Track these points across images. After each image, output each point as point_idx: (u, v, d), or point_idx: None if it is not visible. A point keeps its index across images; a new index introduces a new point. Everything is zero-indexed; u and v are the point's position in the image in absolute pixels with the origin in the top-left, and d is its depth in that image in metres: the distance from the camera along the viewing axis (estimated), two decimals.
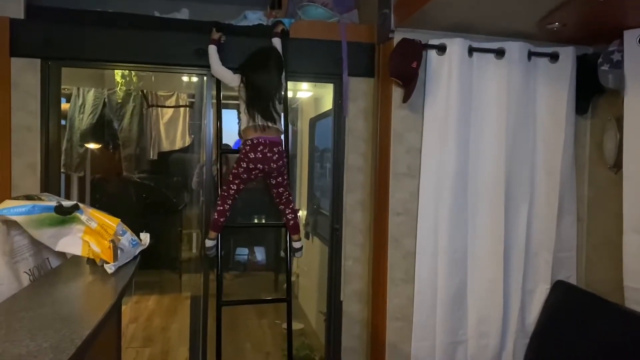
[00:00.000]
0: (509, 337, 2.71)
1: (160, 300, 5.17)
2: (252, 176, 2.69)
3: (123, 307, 2.56)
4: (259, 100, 2.63)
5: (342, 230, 3.10)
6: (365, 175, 3.08)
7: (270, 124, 2.63)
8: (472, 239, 2.66)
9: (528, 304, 2.72)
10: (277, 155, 2.65)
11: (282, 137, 2.75)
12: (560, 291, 2.64)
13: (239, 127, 2.80)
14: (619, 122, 2.46)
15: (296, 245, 2.93)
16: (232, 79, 2.71)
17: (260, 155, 2.62)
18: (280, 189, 2.80)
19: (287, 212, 2.87)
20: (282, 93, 2.77)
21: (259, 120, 2.61)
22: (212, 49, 2.72)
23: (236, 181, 2.70)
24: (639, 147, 2.29)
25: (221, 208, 2.74)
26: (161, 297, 5.24)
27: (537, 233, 2.71)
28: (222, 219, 2.75)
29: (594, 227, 2.72)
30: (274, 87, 2.66)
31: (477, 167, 2.66)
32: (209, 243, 2.81)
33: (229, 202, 2.74)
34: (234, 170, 2.71)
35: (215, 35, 2.75)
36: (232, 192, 2.72)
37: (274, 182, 2.76)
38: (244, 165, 2.64)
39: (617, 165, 2.48)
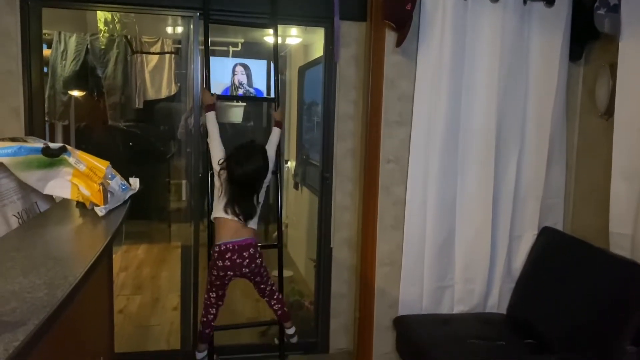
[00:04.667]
0: (495, 282, 2.77)
1: (149, 250, 5.19)
2: (227, 282, 2.48)
3: (113, 256, 2.56)
4: (242, 197, 2.41)
5: (332, 178, 3.09)
6: (355, 123, 3.05)
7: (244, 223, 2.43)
8: (462, 187, 2.68)
9: (515, 250, 2.77)
10: (247, 260, 2.41)
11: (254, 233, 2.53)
12: (546, 237, 2.69)
13: (211, 200, 2.63)
14: (613, 68, 2.44)
15: (289, 331, 2.69)
16: (219, 156, 2.47)
17: (229, 263, 2.39)
18: (262, 285, 2.55)
19: (272, 303, 2.61)
20: (266, 186, 2.59)
21: (234, 216, 2.40)
22: (212, 116, 2.58)
23: (213, 289, 2.50)
24: (632, 93, 2.28)
25: (205, 319, 2.55)
26: (150, 246, 5.26)
27: (526, 180, 2.73)
28: (207, 330, 2.57)
29: (582, 175, 2.75)
30: (260, 178, 2.46)
31: (468, 115, 2.64)
32: (199, 355, 2.62)
33: (213, 311, 2.54)
34: (209, 278, 2.52)
35: (210, 99, 2.60)
36: (213, 300, 2.52)
37: (252, 281, 2.54)
38: (215, 273, 2.44)
39: (609, 112, 2.48)
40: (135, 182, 2.03)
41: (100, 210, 1.62)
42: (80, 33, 4.41)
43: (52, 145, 1.60)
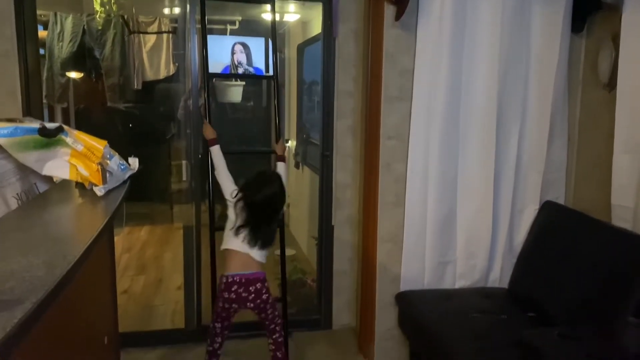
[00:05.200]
0: (497, 257, 2.77)
1: (152, 231, 5.21)
2: (232, 313, 2.42)
3: (115, 238, 2.56)
4: (262, 222, 2.33)
5: (332, 156, 3.08)
6: (355, 101, 3.03)
7: (256, 255, 2.35)
8: (463, 162, 2.66)
9: (516, 225, 2.77)
10: (253, 295, 2.34)
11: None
12: (548, 211, 2.68)
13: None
14: (615, 40, 2.40)
15: None
16: (230, 190, 2.40)
17: (234, 296, 2.33)
18: (266, 322, 2.46)
19: (269, 342, 2.50)
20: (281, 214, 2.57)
21: (247, 248, 2.33)
22: (217, 150, 2.52)
23: (219, 319, 2.43)
24: (635, 65, 2.25)
25: (211, 348, 2.48)
26: (153, 227, 5.28)
27: (528, 154, 2.71)
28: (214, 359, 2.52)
29: (584, 148, 2.73)
30: (279, 203, 2.40)
31: (469, 89, 2.61)
32: None
33: (218, 340, 2.47)
34: (215, 307, 2.45)
35: (212, 133, 2.52)
36: (218, 330, 2.45)
37: (258, 315, 2.47)
38: (221, 304, 2.38)
39: (611, 85, 2.45)
40: (134, 162, 2.03)
41: (99, 190, 1.61)
42: (76, 14, 4.36)
43: (48, 125, 1.59)
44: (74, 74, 4.62)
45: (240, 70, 4.79)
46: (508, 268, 2.77)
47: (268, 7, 2.85)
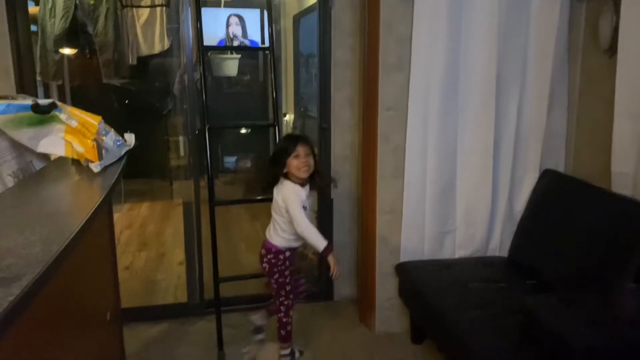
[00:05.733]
0: (496, 225, 2.77)
1: (152, 208, 5.22)
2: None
3: (116, 215, 2.56)
4: None
5: (330, 129, 3.06)
6: (353, 71, 2.99)
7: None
8: (462, 130, 2.64)
9: (516, 193, 2.76)
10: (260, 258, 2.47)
11: None
12: (548, 179, 2.67)
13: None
14: (617, 4, 2.35)
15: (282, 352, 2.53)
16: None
17: None
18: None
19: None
20: None
21: None
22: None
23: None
24: (637, 29, 2.21)
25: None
26: (153, 204, 5.29)
27: (527, 122, 2.69)
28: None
29: (584, 115, 2.70)
30: None
31: (467, 57, 2.58)
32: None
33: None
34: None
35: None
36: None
37: None
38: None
39: (612, 49, 2.41)
40: (130, 138, 2.01)
41: (95, 167, 1.60)
42: None
43: (41, 101, 1.57)
44: (67, 51, 4.56)
45: (236, 43, 4.73)
46: (508, 237, 2.77)
47: None
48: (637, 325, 1.70)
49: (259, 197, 2.81)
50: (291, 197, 2.28)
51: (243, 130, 5.42)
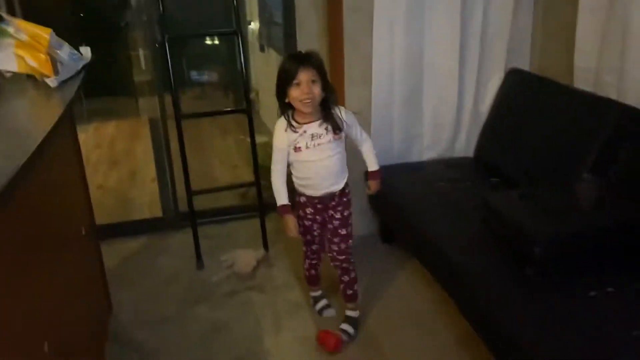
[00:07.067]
0: (463, 127, 2.82)
1: (120, 126, 5.14)
2: None
3: (83, 135, 2.51)
4: None
5: (296, 36, 2.98)
6: None
7: None
8: (429, 34, 2.61)
9: (482, 94, 2.79)
10: None
11: None
12: (513, 78, 2.69)
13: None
14: None
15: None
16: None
17: None
18: None
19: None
20: None
21: None
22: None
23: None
24: None
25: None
26: (120, 122, 5.20)
27: (493, 22, 2.66)
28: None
29: (549, 12, 2.68)
30: None
31: None
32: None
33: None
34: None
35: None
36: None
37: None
38: None
39: None
40: (86, 51, 1.95)
41: (51, 82, 1.56)
42: None
43: None
44: None
45: None
46: (474, 137, 2.83)
47: None
48: (590, 213, 1.81)
49: (227, 109, 2.77)
50: (274, 135, 1.98)
51: (209, 42, 5.24)
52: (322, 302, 2.34)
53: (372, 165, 2.19)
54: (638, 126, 1.96)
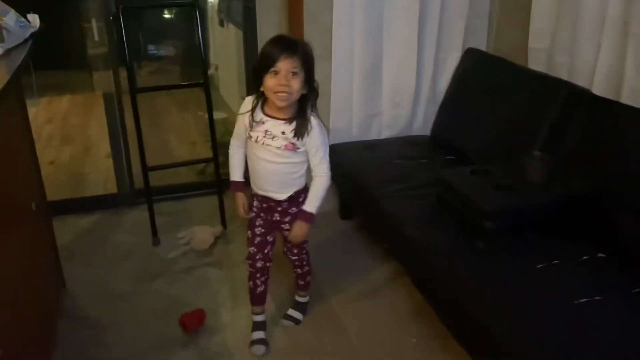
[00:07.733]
0: (421, 105, 2.86)
1: (73, 100, 4.97)
2: None
3: (33, 110, 2.42)
4: None
5: (255, 8, 2.93)
6: None
7: None
8: (389, 10, 2.61)
9: (440, 73, 2.83)
10: None
11: None
12: (470, 58, 2.74)
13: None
14: None
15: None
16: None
17: None
18: None
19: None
20: None
21: None
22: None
23: None
24: None
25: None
26: (74, 97, 5.02)
27: (452, 2, 2.69)
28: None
29: None
30: None
31: None
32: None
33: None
34: None
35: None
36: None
37: None
38: None
39: None
40: (34, 19, 1.88)
41: None
42: None
43: None
44: None
45: None
46: (431, 116, 2.88)
47: None
48: (539, 188, 1.88)
49: (184, 83, 2.72)
50: (240, 108, 1.78)
51: (167, 15, 5.09)
52: (259, 334, 1.99)
53: (309, 204, 1.80)
54: (586, 106, 2.03)
